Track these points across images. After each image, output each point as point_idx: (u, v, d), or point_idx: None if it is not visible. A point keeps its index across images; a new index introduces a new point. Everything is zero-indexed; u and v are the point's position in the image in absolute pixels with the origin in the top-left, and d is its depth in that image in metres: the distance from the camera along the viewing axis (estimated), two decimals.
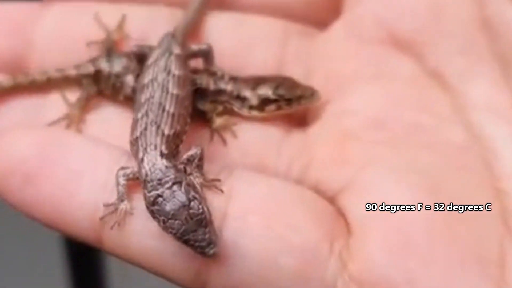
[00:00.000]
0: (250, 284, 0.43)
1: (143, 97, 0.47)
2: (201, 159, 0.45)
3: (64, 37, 0.52)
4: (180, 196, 0.43)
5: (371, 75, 0.50)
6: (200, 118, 0.50)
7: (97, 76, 0.52)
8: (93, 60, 0.52)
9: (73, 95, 0.51)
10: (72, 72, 0.52)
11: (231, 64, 0.52)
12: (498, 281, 0.42)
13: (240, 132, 0.49)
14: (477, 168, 0.45)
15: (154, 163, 0.44)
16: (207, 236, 0.42)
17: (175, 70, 0.48)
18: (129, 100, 0.50)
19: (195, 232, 0.42)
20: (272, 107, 0.50)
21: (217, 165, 0.47)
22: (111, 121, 0.51)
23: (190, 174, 0.44)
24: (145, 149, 0.45)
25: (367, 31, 0.51)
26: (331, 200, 0.46)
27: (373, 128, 0.48)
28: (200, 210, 0.42)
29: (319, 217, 0.44)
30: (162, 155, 0.45)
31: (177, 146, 0.46)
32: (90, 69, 0.52)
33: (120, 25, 0.52)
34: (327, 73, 0.51)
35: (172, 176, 0.43)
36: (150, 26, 0.53)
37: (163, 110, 0.46)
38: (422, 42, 0.49)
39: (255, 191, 0.44)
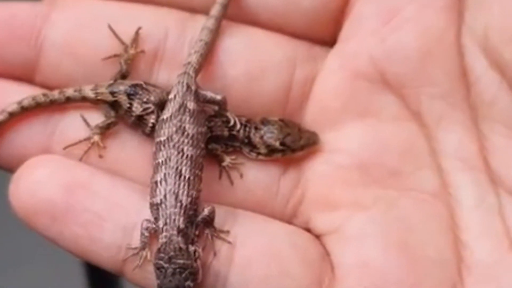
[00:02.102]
0: None
1: (160, 157, 0.51)
2: (212, 217, 0.51)
3: (75, 46, 0.54)
4: (177, 280, 0.48)
5: (359, 112, 0.54)
6: (209, 154, 0.54)
7: (115, 105, 0.54)
8: (111, 87, 0.54)
9: (91, 115, 0.54)
10: (90, 94, 0.54)
11: (242, 93, 0.55)
12: None
13: (244, 170, 0.54)
14: (443, 217, 0.52)
15: (171, 240, 0.49)
16: None
17: (189, 129, 0.51)
18: (148, 135, 0.53)
19: None
20: (278, 155, 0.54)
21: (222, 208, 0.52)
22: (130, 145, 0.54)
23: (198, 258, 0.49)
24: (166, 220, 0.49)
25: (359, 67, 0.54)
26: (319, 236, 0.53)
27: (359, 171, 0.54)
28: None
29: (310, 262, 0.51)
30: (179, 231, 0.49)
31: (196, 210, 0.50)
32: (109, 98, 0.54)
33: (135, 40, 0.54)
34: (320, 106, 0.55)
35: (181, 262, 0.48)
36: (162, 36, 0.54)
37: (180, 175, 0.50)
38: (409, 84, 0.54)
39: (256, 241, 0.51)
